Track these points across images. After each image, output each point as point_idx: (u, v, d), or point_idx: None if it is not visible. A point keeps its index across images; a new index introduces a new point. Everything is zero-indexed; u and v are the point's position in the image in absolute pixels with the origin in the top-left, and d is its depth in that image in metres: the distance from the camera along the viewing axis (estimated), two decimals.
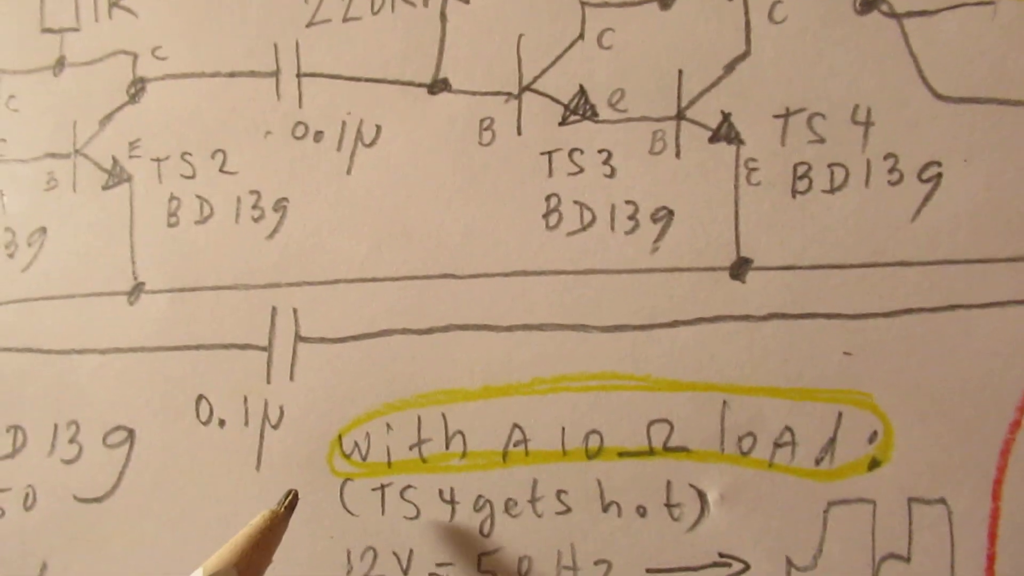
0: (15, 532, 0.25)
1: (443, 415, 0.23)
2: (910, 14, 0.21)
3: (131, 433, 0.24)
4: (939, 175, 0.20)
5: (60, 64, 0.25)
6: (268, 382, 0.24)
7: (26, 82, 0.26)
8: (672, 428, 0.21)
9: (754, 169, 0.21)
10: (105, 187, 0.25)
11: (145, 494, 0.24)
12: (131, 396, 0.24)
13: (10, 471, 0.25)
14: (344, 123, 0.24)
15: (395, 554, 0.23)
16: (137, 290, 0.25)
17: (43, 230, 0.25)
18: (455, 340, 0.23)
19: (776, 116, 0.21)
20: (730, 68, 0.22)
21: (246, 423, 0.24)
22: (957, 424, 0.20)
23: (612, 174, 0.22)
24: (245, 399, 0.24)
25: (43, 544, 0.25)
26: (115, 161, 0.25)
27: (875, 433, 0.21)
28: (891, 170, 0.21)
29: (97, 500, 0.24)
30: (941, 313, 0.20)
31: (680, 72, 0.22)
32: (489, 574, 0.22)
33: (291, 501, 0.21)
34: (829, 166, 0.21)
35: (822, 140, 0.21)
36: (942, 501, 0.20)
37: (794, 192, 0.21)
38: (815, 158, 0.21)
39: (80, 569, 0.24)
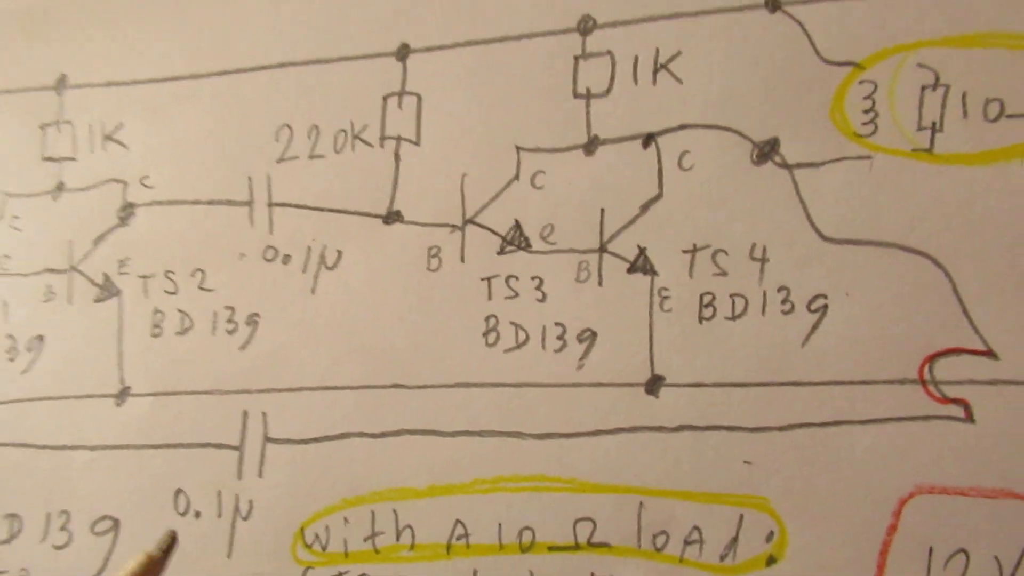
0: None
1: (394, 510, 0.25)
2: (800, 165, 0.24)
3: (116, 522, 0.27)
4: (825, 306, 0.23)
5: (59, 189, 0.29)
6: (239, 478, 0.27)
7: (28, 204, 0.29)
8: (595, 526, 0.24)
9: (666, 297, 0.24)
10: (97, 300, 0.28)
11: None
12: (117, 489, 0.27)
13: (7, 555, 0.28)
14: (309, 248, 0.27)
15: None
16: (124, 393, 0.28)
17: (40, 337, 0.28)
18: (405, 443, 0.25)
19: (685, 251, 0.24)
20: (645, 208, 0.25)
21: (219, 515, 0.27)
22: (842, 526, 0.23)
23: (544, 299, 0.25)
24: (219, 493, 0.27)
25: None
26: (106, 277, 0.28)
27: (771, 533, 0.23)
28: (784, 301, 0.24)
29: None
30: (828, 428, 0.23)
31: (602, 211, 0.25)
32: None
33: (168, 545, 0.21)
34: (731, 296, 0.24)
35: (724, 273, 0.24)
36: None
37: (701, 318, 0.24)
38: (719, 289, 0.24)
39: None
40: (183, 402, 0.27)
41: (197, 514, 0.27)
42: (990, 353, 0.24)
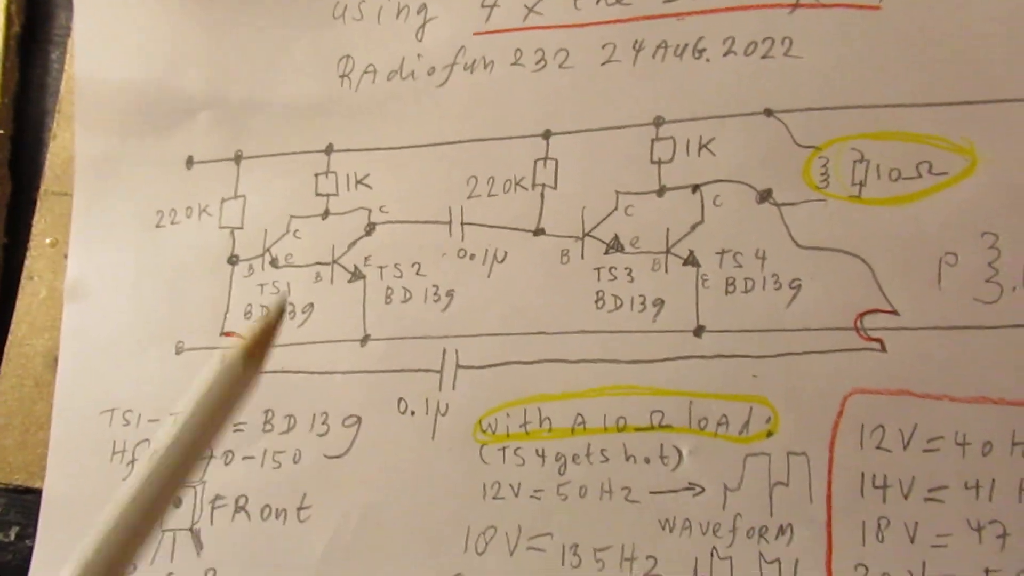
0: (287, 479, 0.43)
1: (539, 409, 0.40)
2: (784, 204, 0.41)
3: (359, 419, 0.43)
4: (800, 285, 0.40)
5: (326, 214, 0.45)
6: (440, 390, 0.42)
7: (305, 223, 0.45)
8: (664, 415, 0.39)
9: (705, 279, 0.41)
10: (349, 281, 0.44)
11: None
12: (360, 398, 0.43)
13: (286, 441, 0.44)
14: (487, 250, 0.43)
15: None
16: (366, 339, 0.43)
17: (312, 304, 0.45)
18: (545, 368, 0.40)
19: (717, 253, 0.41)
20: (694, 228, 0.41)
21: (427, 413, 0.42)
22: (811, 415, 0.38)
23: (632, 280, 0.41)
24: (426, 400, 0.41)
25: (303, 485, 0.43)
26: (356, 267, 0.44)
27: (769, 417, 0.39)
28: (776, 283, 0.40)
29: (339, 456, 0.43)
30: (802, 355, 0.39)
31: (668, 229, 0.42)
32: None
33: (280, 309, 0.24)
34: (744, 279, 0.40)
35: (740, 266, 0.40)
36: (803, 453, 0.38)
37: (727, 292, 0.40)
38: (737, 275, 0.40)
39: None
40: (405, 344, 0.43)
41: (412, 413, 0.43)
42: (894, 311, 0.40)
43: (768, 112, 0.41)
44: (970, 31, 0.39)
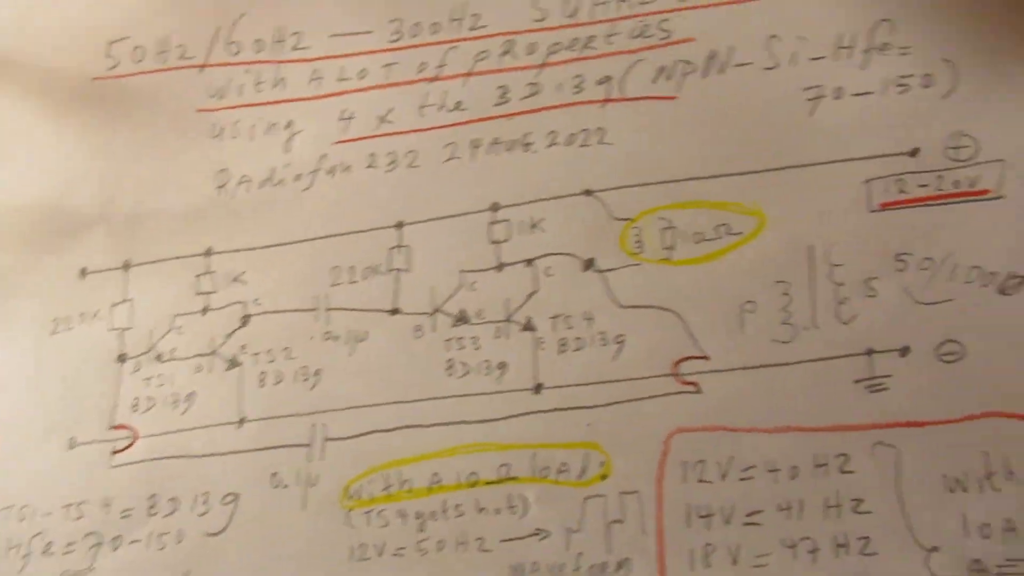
0: (171, 560, 0.46)
1: (399, 471, 0.44)
2: (605, 270, 0.46)
3: (237, 496, 0.46)
4: (624, 339, 0.44)
5: (205, 310, 0.50)
6: (309, 461, 0.46)
7: (187, 319, 0.50)
8: (510, 467, 0.43)
9: (541, 342, 0.45)
10: (227, 369, 0.48)
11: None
12: (237, 475, 0.46)
13: (168, 523, 0.46)
14: (348, 330, 0.48)
15: None
16: (242, 421, 0.47)
17: (192, 393, 0.49)
18: (404, 433, 0.45)
19: (552, 317, 0.46)
20: (530, 296, 0.46)
21: (298, 484, 0.45)
22: (639, 455, 0.42)
23: (479, 348, 0.46)
24: (298, 472, 0.45)
25: (186, 564, 0.46)
26: (233, 357, 0.48)
27: (603, 462, 0.43)
28: (603, 339, 0.45)
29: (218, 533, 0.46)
30: (632, 402, 0.43)
31: (507, 300, 0.46)
32: None
33: None
34: (575, 339, 0.45)
35: (571, 328, 0.45)
36: (635, 492, 0.42)
37: (559, 351, 0.45)
38: (570, 336, 0.45)
39: None
40: (278, 422, 0.46)
41: (286, 486, 0.46)
42: (706, 357, 0.44)
43: (588, 192, 0.46)
44: (753, 111, 0.46)
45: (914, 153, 0.43)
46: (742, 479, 0.41)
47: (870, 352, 0.41)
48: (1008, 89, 0.43)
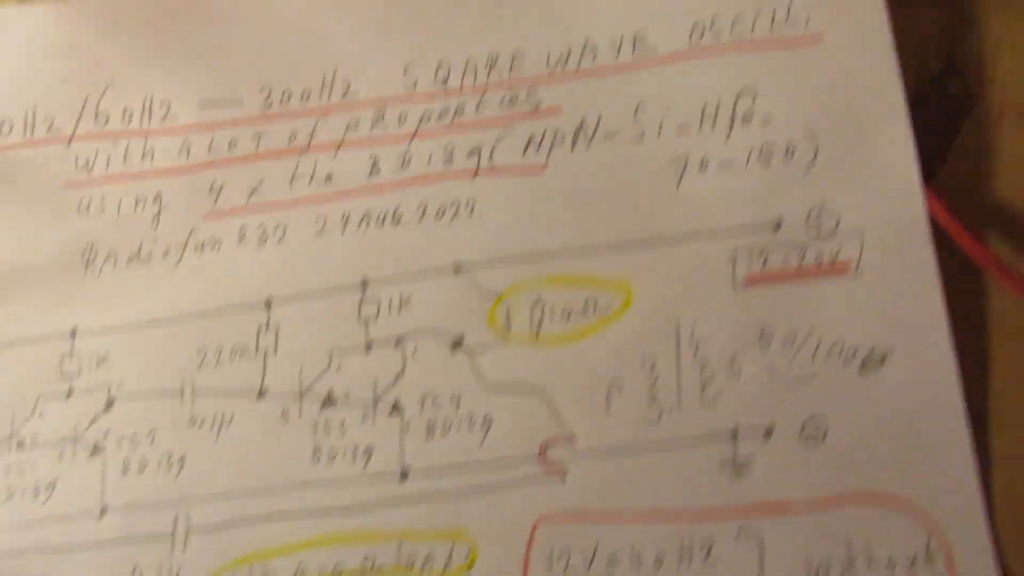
0: None
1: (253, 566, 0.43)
2: (473, 351, 0.45)
3: None
4: (492, 421, 0.43)
5: (69, 393, 0.48)
6: (172, 552, 0.44)
7: (51, 404, 0.48)
8: (376, 559, 0.42)
9: (408, 424, 0.44)
10: (90, 456, 0.47)
11: None
12: (99, 569, 0.45)
13: None
14: (216, 413, 0.46)
15: None
16: (103, 511, 0.46)
17: (54, 482, 0.47)
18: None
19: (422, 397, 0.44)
20: (397, 378, 0.45)
21: None
22: (506, 544, 0.41)
23: (343, 434, 0.45)
24: (159, 565, 0.44)
25: None
26: (96, 443, 0.47)
27: (469, 551, 0.42)
28: (471, 423, 0.44)
29: None
30: (499, 489, 0.42)
31: (376, 379, 0.45)
32: None
33: None
34: (444, 421, 0.44)
35: (439, 407, 0.44)
36: None
37: (428, 436, 0.44)
38: (440, 418, 0.44)
39: None
40: (140, 512, 0.44)
41: None
42: (572, 439, 0.43)
43: (457, 267, 0.45)
44: (620, 182, 0.45)
45: (777, 226, 0.42)
46: (607, 569, 0.40)
47: (735, 433, 0.41)
48: (867, 158, 0.42)
